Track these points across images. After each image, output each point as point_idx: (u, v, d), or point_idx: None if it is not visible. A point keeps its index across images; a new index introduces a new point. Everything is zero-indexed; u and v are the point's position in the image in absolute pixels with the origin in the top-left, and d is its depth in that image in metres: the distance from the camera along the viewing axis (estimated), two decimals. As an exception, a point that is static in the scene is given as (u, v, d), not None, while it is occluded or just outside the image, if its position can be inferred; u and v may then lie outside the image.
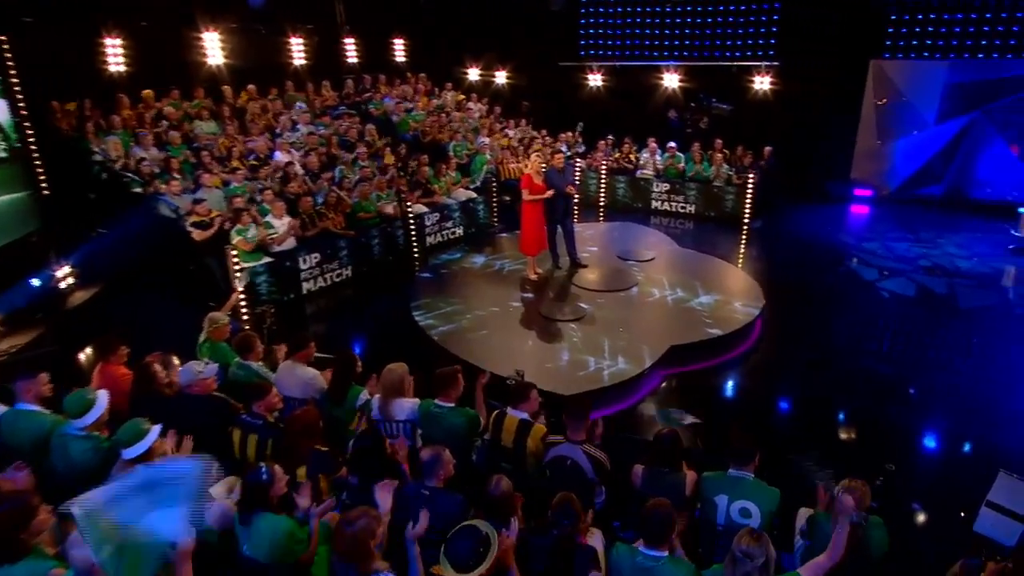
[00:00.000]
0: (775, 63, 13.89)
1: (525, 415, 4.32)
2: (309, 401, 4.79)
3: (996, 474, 4.73)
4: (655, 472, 3.83)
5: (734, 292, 8.65)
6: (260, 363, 5.17)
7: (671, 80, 14.80)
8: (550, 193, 8.66)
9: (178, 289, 8.51)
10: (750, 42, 14.97)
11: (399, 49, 15.73)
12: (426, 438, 4.36)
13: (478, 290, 8.88)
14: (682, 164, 13.40)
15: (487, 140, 13.74)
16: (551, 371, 6.55)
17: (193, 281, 8.64)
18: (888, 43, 13.82)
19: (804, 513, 3.73)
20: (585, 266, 9.46)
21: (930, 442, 5.96)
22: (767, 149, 13.29)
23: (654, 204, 13.49)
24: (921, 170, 14.02)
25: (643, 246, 10.67)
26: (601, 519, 3.95)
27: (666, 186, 13.32)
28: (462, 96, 15.67)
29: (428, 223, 10.94)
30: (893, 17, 13.67)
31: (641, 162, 13.96)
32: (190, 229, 8.52)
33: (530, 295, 8.65)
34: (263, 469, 3.21)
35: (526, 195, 8.71)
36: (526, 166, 12.65)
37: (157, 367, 4.53)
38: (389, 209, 10.49)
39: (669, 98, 15.15)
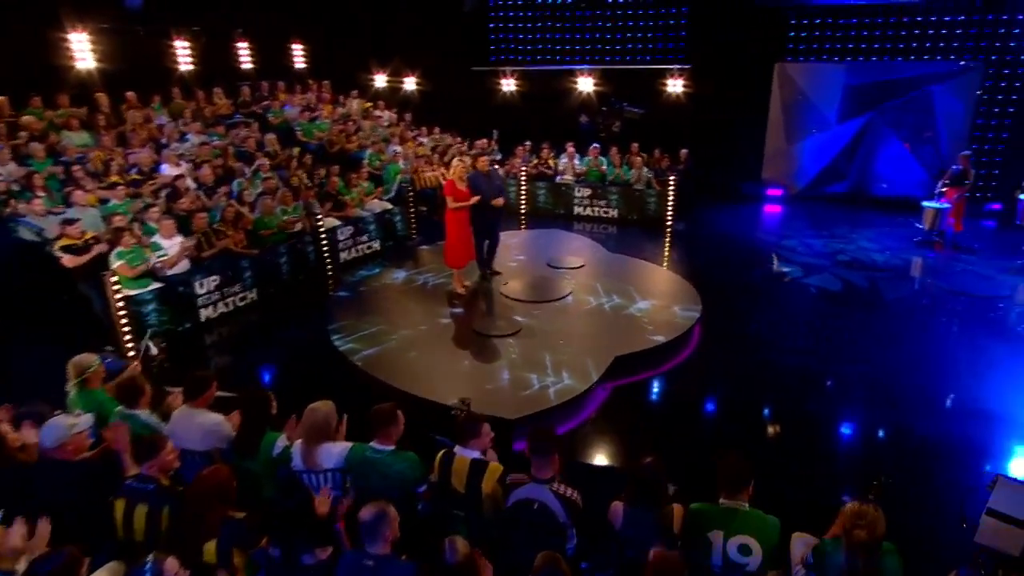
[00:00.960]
0: (686, 66, 14.01)
1: (477, 453, 3.69)
2: (214, 454, 3.95)
3: (970, 476, 4.58)
4: (637, 511, 3.30)
5: (670, 296, 8.39)
6: (149, 412, 4.25)
7: (585, 84, 14.63)
8: (477, 199, 8.08)
9: (46, 325, 7.24)
10: (660, 46, 15.09)
11: (298, 54, 14.73)
12: (361, 490, 3.63)
13: (402, 308, 8.15)
14: (604, 166, 13.23)
15: (399, 149, 13.02)
16: (492, 393, 5.94)
17: (66, 315, 7.39)
18: (790, 46, 14.28)
19: (802, 541, 3.31)
20: (499, 273, 8.96)
21: (891, 439, 5.80)
22: (683, 151, 13.34)
23: (576, 210, 13.21)
24: (827, 169, 14.53)
25: (571, 253, 10.29)
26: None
27: (588, 191, 13.08)
28: (369, 104, 14.85)
29: (341, 237, 10.08)
30: (793, 22, 14.13)
31: (560, 167, 13.69)
32: (59, 254, 7.28)
33: (460, 310, 8.02)
34: (148, 566, 2.40)
35: (451, 203, 8.08)
36: (443, 175, 12.17)
37: (4, 427, 3.55)
38: (296, 223, 9.56)
39: (584, 102, 14.99)
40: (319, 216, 9.58)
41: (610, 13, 15.30)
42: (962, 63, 13.23)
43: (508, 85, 15.27)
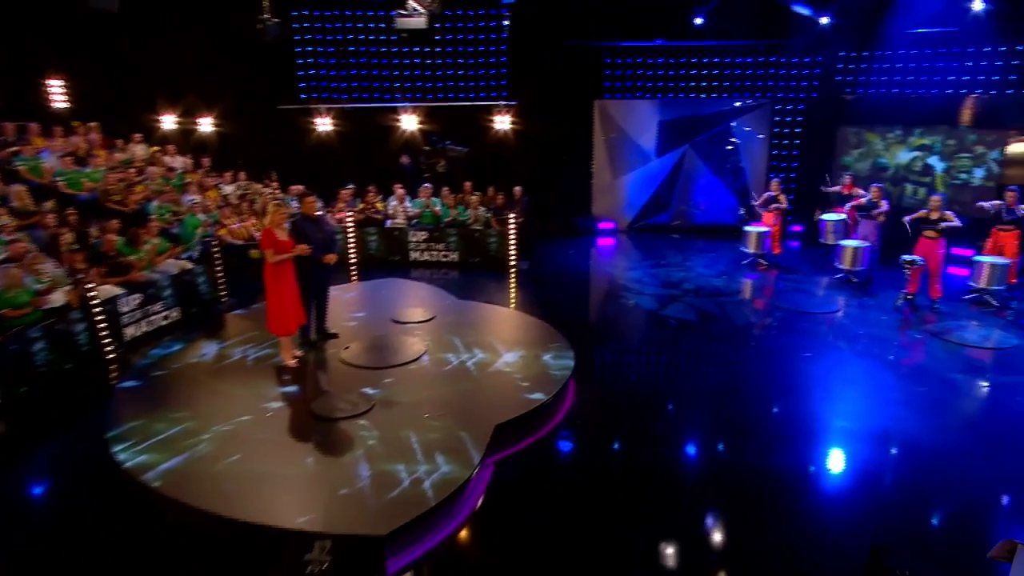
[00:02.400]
0: (512, 103, 13.70)
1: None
2: None
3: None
4: None
5: (535, 342, 7.56)
6: None
7: (409, 122, 13.73)
8: (304, 249, 6.66)
9: None
10: (483, 83, 14.71)
11: (57, 90, 12.11)
12: None
13: (215, 394, 6.38)
14: (438, 207, 12.32)
15: (198, 199, 11.03)
16: (349, 501, 4.55)
17: None
18: (607, 84, 14.64)
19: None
20: (335, 335, 7.63)
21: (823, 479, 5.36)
22: (517, 189, 12.89)
23: (413, 255, 12.11)
24: (651, 200, 14.99)
25: (416, 304, 9.15)
26: None
27: (424, 234, 12.05)
28: (156, 148, 12.60)
29: (125, 308, 8.00)
30: (607, 60, 14.53)
31: (390, 211, 12.55)
32: None
33: (292, 389, 6.48)
34: None
35: (270, 256, 6.56)
36: (256, 224, 10.44)
37: None
38: (57, 297, 7.35)
39: (408, 141, 14.05)
40: (90, 285, 7.45)
41: (428, 49, 14.62)
42: (751, 101, 14.45)
43: (323, 124, 13.88)
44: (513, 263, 11.50)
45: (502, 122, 13.43)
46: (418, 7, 10.68)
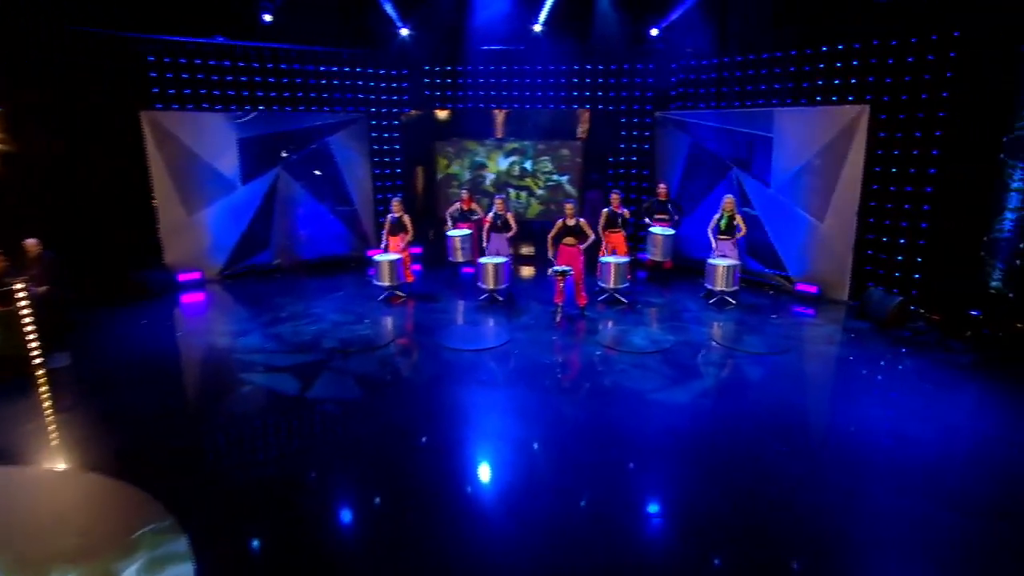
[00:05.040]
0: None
1: None
2: None
3: None
4: None
5: (105, 541, 4.12)
6: None
7: None
8: None
9: None
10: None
11: None
12: None
13: None
14: None
15: None
16: None
17: None
18: (156, 90, 10.87)
19: None
20: None
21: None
22: (30, 242, 8.36)
23: None
24: (244, 239, 11.83)
25: None
26: None
27: None
28: None
29: None
30: (151, 59, 10.77)
31: None
32: None
33: None
34: None
35: None
36: None
37: None
38: None
39: None
40: None
41: None
42: (343, 115, 12.69)
43: None
44: (39, 363, 7.18)
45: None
46: None
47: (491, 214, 10.21)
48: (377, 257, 9.89)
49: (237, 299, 10.49)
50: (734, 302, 9.76)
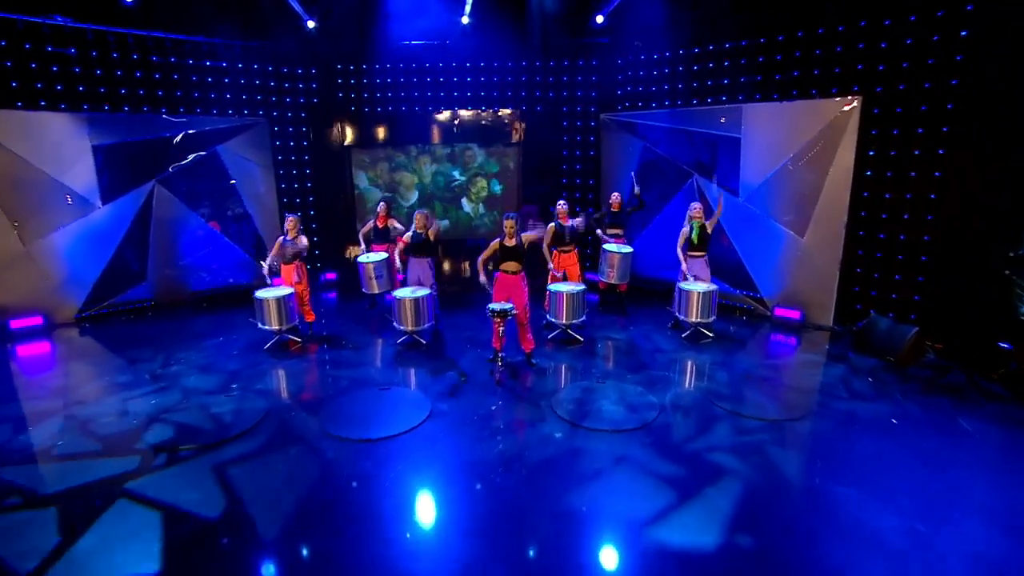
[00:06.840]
0: None
1: None
2: None
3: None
4: None
5: None
6: None
7: None
8: None
9: None
10: None
11: None
12: None
13: None
14: None
15: None
16: None
17: None
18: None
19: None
20: None
21: None
22: None
23: None
24: (110, 270, 9.54)
25: None
26: None
27: None
28: None
29: None
30: (-31, 46, 8.48)
31: None
32: None
33: None
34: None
35: None
36: None
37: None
38: None
39: None
40: None
41: None
42: (237, 119, 10.60)
43: None
44: None
45: None
46: None
47: (409, 233, 8.26)
48: (259, 293, 7.79)
49: (81, 351, 8.12)
50: (711, 335, 8.09)
